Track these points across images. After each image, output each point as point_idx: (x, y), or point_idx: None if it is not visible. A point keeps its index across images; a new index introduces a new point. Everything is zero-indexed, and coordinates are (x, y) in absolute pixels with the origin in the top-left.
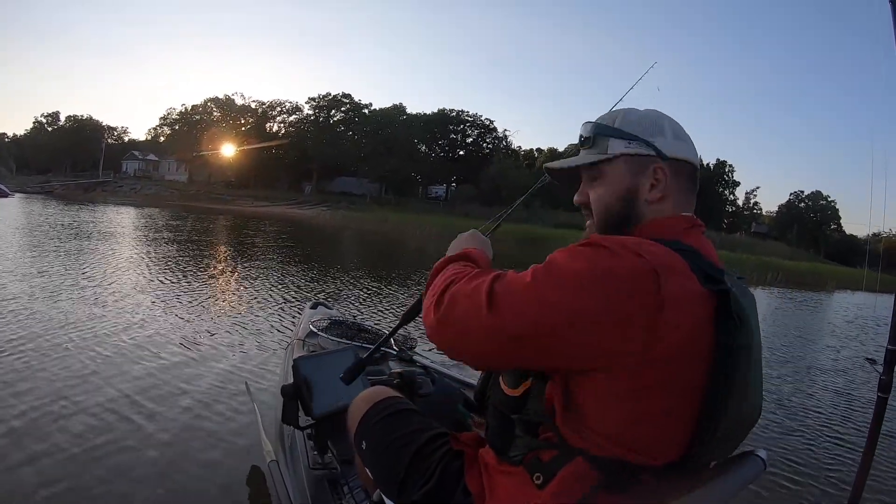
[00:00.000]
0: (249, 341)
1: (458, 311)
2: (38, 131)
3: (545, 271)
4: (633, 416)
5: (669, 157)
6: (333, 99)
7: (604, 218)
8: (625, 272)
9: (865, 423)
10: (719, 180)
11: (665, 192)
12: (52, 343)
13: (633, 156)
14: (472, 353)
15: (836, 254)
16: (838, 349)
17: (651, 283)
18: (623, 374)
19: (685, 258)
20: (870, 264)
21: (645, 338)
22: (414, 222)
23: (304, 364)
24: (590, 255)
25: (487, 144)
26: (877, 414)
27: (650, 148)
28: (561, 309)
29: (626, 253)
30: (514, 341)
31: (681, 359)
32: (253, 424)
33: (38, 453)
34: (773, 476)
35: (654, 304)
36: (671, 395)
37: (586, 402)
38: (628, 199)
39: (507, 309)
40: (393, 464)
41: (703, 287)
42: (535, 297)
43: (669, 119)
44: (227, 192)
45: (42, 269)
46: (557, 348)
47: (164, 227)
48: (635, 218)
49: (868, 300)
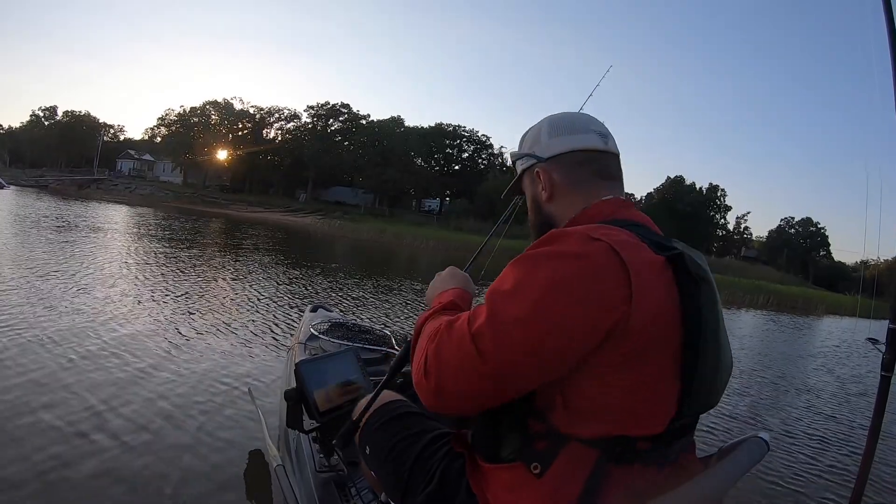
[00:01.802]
0: (251, 346)
1: (448, 376)
2: (35, 125)
3: (514, 295)
4: (624, 390)
5: (546, 157)
6: (332, 108)
7: (532, 228)
8: (587, 261)
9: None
10: (711, 204)
11: (552, 190)
12: (59, 347)
13: (526, 170)
14: (479, 407)
15: (823, 279)
16: (833, 367)
17: (614, 259)
18: (612, 351)
19: (632, 231)
20: (856, 290)
21: (624, 309)
22: (411, 234)
23: (307, 367)
24: (548, 258)
25: (483, 160)
26: (881, 392)
27: (532, 157)
28: (549, 328)
29: (580, 241)
30: (514, 378)
31: (658, 323)
32: (257, 429)
33: (37, 457)
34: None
35: (623, 278)
36: (655, 359)
37: (579, 391)
38: (535, 208)
39: (496, 353)
40: (396, 467)
41: (657, 255)
42: (520, 328)
43: (551, 120)
44: (221, 196)
45: (48, 271)
46: (557, 362)
47: (163, 230)
48: (549, 221)
49: (856, 325)
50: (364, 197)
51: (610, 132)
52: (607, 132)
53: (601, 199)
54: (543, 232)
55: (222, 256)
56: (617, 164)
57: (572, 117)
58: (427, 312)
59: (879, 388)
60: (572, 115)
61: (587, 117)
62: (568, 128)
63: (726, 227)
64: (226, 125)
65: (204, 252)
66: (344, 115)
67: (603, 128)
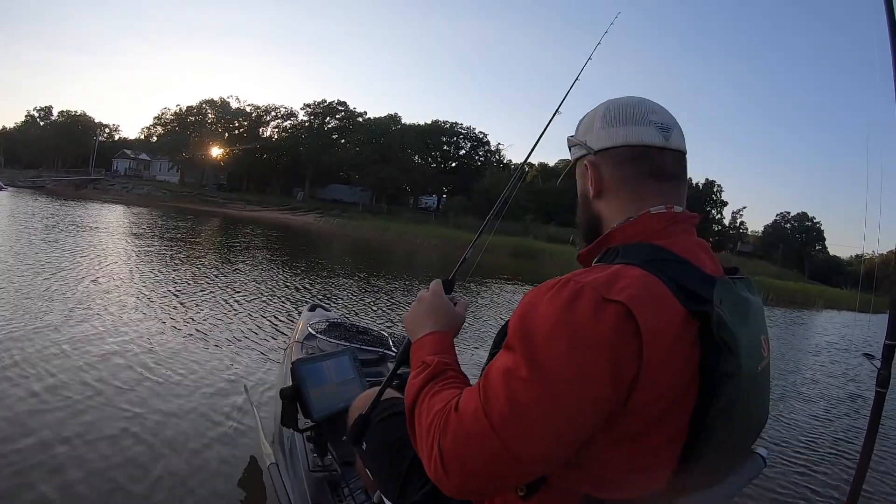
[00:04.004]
0: (248, 344)
1: (475, 473)
2: (30, 125)
3: (530, 370)
4: (615, 460)
5: (597, 150)
6: (329, 106)
7: (578, 224)
8: (602, 328)
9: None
10: (708, 200)
11: (601, 187)
12: (49, 340)
13: (578, 159)
14: (508, 486)
15: (819, 273)
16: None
17: (627, 325)
18: (614, 426)
19: (662, 274)
20: (853, 284)
21: (632, 385)
22: (413, 232)
23: (303, 366)
24: (561, 323)
25: (479, 157)
26: (875, 408)
27: (583, 147)
28: (572, 404)
29: (594, 301)
30: (541, 468)
31: (667, 396)
32: (252, 428)
33: (32, 452)
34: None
35: (634, 350)
36: (658, 433)
37: (578, 458)
38: (583, 203)
39: (519, 437)
40: (393, 465)
41: (683, 307)
42: (540, 413)
43: (608, 105)
44: (219, 195)
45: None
46: (580, 443)
47: (163, 230)
48: (596, 219)
49: (854, 318)
50: (362, 195)
51: (676, 122)
52: (671, 124)
53: (649, 213)
54: (590, 230)
55: (222, 256)
56: (678, 163)
57: (630, 104)
58: (416, 377)
59: (874, 404)
60: (631, 102)
61: (648, 105)
62: (623, 117)
63: (722, 221)
64: (222, 124)
65: (204, 251)
66: (341, 112)
67: (666, 117)
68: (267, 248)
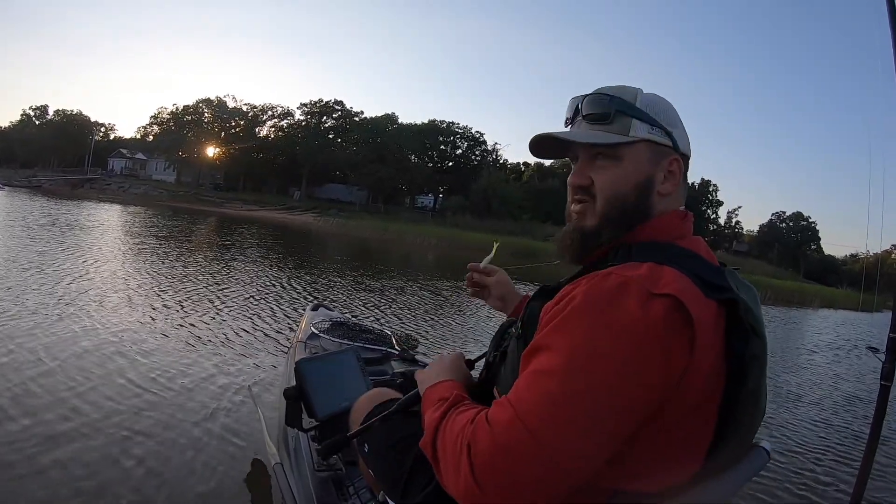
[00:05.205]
0: (251, 344)
1: (511, 482)
2: (26, 124)
3: (570, 367)
4: (654, 453)
5: (682, 152)
6: (325, 105)
7: (614, 205)
8: (652, 321)
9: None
10: (703, 199)
11: (675, 188)
12: (54, 339)
13: (656, 143)
14: (550, 496)
15: (814, 273)
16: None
17: (676, 317)
18: (659, 415)
19: (686, 270)
20: (849, 283)
21: (682, 376)
22: (413, 232)
23: (307, 366)
24: (606, 316)
25: (476, 157)
26: (880, 401)
27: (669, 138)
28: (619, 399)
29: (641, 295)
30: (583, 474)
31: (706, 385)
32: (257, 428)
33: (41, 460)
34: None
35: (686, 341)
36: (691, 423)
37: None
38: (643, 190)
39: (561, 437)
40: (395, 466)
41: (708, 298)
42: (582, 410)
43: (673, 107)
44: (216, 194)
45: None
46: (624, 431)
47: (162, 229)
48: (645, 210)
49: (853, 317)
50: (358, 194)
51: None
52: None
53: (677, 210)
54: (626, 213)
55: (223, 255)
56: None
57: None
58: (436, 411)
59: (879, 397)
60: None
61: None
62: (682, 125)
63: (717, 221)
64: (219, 123)
65: (204, 251)
66: (337, 112)
67: None
68: (267, 247)
